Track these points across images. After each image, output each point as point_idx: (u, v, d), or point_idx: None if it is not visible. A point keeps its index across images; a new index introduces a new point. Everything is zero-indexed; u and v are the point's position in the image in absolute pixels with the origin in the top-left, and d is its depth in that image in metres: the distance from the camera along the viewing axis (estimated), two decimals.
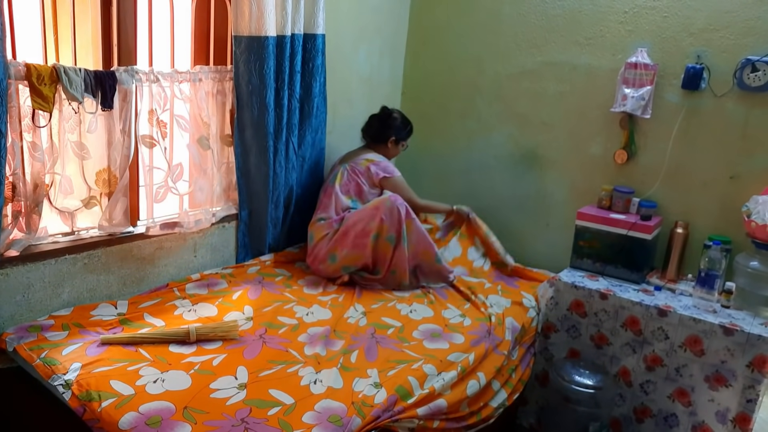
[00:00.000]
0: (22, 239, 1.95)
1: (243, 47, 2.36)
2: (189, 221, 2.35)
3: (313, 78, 2.65)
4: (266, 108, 2.46)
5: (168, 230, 2.32)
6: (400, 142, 2.90)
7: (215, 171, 2.47)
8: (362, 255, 2.52)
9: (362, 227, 2.52)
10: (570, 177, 2.93)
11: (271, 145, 2.53)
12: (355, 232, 2.53)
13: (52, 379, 1.68)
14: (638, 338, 2.38)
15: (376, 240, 2.51)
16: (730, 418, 2.19)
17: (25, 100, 1.86)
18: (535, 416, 2.65)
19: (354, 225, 2.54)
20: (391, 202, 2.54)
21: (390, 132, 2.86)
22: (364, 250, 2.52)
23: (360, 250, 2.52)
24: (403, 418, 1.72)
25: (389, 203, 2.54)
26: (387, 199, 2.56)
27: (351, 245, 2.52)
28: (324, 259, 2.56)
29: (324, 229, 2.61)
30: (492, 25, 3.04)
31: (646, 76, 2.59)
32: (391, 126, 2.87)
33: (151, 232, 2.27)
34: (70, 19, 2.02)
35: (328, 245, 2.56)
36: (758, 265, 2.32)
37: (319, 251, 2.58)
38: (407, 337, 2.14)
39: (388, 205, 2.53)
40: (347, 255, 2.53)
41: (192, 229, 2.38)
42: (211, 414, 1.59)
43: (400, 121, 2.89)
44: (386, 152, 2.88)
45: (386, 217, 2.51)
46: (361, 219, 2.55)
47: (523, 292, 2.62)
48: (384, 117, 2.89)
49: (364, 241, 2.51)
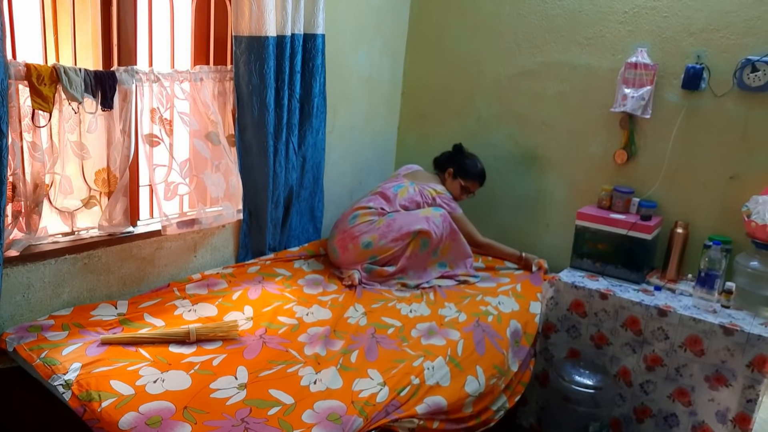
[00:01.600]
0: (22, 239, 1.95)
1: (243, 47, 2.36)
2: (207, 217, 2.39)
3: (313, 78, 2.65)
4: (266, 108, 2.46)
5: (186, 228, 2.34)
6: (458, 177, 2.91)
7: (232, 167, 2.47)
8: (395, 251, 2.58)
9: (408, 228, 2.59)
10: (570, 177, 2.93)
11: (271, 145, 2.53)
12: (398, 227, 2.59)
13: (52, 379, 1.68)
14: (638, 338, 2.38)
15: (414, 238, 2.58)
16: (730, 418, 2.19)
17: (25, 100, 1.86)
18: (535, 416, 2.65)
19: (400, 221, 2.62)
20: (443, 216, 2.67)
21: (450, 164, 2.94)
22: (399, 247, 2.58)
23: (395, 245, 2.58)
24: (403, 418, 1.72)
25: (440, 217, 2.66)
26: (440, 214, 2.67)
27: (391, 239, 2.58)
28: (358, 241, 2.60)
29: (371, 215, 2.68)
30: (492, 26, 3.04)
31: (646, 76, 2.59)
32: (456, 161, 2.94)
33: (168, 231, 2.28)
34: (70, 19, 2.02)
35: (369, 229, 2.61)
36: (758, 265, 2.32)
37: (358, 232, 2.62)
38: (407, 336, 2.15)
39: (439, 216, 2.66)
40: (383, 247, 2.58)
41: (211, 225, 2.41)
42: (211, 414, 1.59)
43: (469, 162, 2.94)
44: (447, 185, 2.92)
45: (433, 227, 2.61)
46: (408, 221, 2.62)
47: (538, 294, 2.60)
48: (455, 152, 2.98)
49: (404, 239, 2.58)
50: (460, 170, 2.92)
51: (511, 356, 2.25)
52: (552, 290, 2.57)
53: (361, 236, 2.60)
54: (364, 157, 3.28)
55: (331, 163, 3.00)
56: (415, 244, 2.59)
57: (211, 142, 2.41)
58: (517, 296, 2.56)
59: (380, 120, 3.34)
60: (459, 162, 2.93)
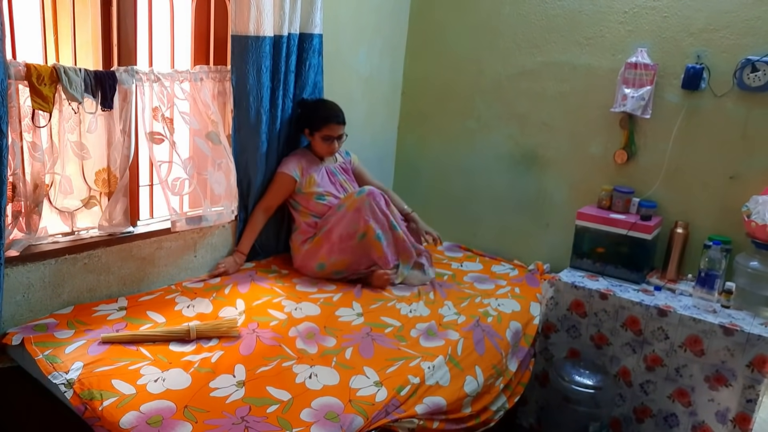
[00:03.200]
0: (22, 239, 1.95)
1: (241, 47, 2.36)
2: (212, 213, 2.40)
3: (308, 78, 2.65)
4: (262, 108, 2.46)
5: (194, 225, 2.35)
6: (314, 133, 2.61)
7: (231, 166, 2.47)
8: (349, 258, 2.49)
9: (346, 231, 2.47)
10: (570, 177, 2.93)
11: (266, 144, 2.54)
12: (338, 235, 2.48)
13: (53, 376, 1.69)
14: (638, 338, 2.38)
15: (362, 239, 2.47)
16: (730, 418, 2.19)
17: (25, 100, 1.86)
18: (535, 416, 2.65)
19: (334, 228, 2.49)
20: (370, 200, 2.43)
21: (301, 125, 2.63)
22: (350, 253, 2.48)
23: (347, 255, 2.49)
24: (402, 418, 1.72)
25: (368, 202, 2.43)
26: (365, 198, 2.45)
27: (338, 251, 2.48)
28: (311, 266, 2.53)
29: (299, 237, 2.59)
30: (492, 25, 3.04)
31: (646, 76, 2.59)
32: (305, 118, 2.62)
33: (178, 227, 2.30)
34: (70, 19, 2.02)
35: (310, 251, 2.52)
36: (758, 265, 2.32)
37: (304, 259, 2.55)
38: (405, 335, 2.15)
39: (368, 205, 2.44)
40: (336, 261, 2.50)
41: (216, 222, 2.43)
42: (212, 413, 1.60)
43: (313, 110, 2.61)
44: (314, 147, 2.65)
45: (370, 218, 2.46)
46: (339, 222, 2.49)
47: (538, 295, 2.59)
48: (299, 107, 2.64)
49: (350, 244, 2.48)
50: (312, 123, 2.60)
51: (509, 356, 2.25)
52: (552, 290, 2.57)
53: (310, 262, 2.52)
54: (364, 157, 3.27)
55: None
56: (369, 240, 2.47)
57: (211, 142, 2.42)
58: (518, 297, 2.55)
59: (380, 120, 3.34)
60: (307, 117, 2.62)
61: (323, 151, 2.65)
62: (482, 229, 2.89)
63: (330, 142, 2.62)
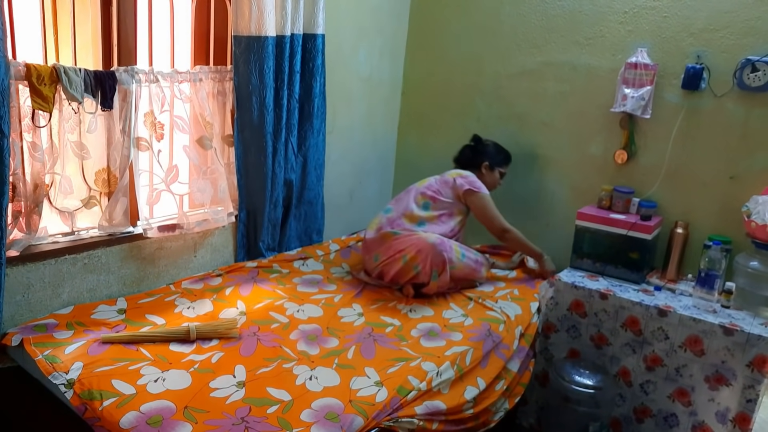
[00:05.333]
0: (22, 239, 1.95)
1: (243, 47, 2.36)
2: (189, 222, 2.35)
3: (313, 78, 2.65)
4: (265, 108, 2.46)
5: (168, 232, 2.32)
6: (495, 168, 2.84)
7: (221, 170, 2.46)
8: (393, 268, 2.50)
9: (401, 248, 2.48)
10: (570, 177, 2.93)
11: (270, 145, 2.53)
12: (395, 249, 2.50)
13: (53, 376, 1.68)
14: (638, 338, 2.38)
15: (405, 262, 2.46)
16: (730, 418, 2.19)
17: (25, 100, 1.86)
18: (535, 416, 2.65)
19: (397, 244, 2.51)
20: (440, 249, 2.44)
21: (482, 157, 2.84)
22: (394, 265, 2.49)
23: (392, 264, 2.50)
24: (402, 417, 1.72)
25: (437, 249, 2.43)
26: (436, 245, 2.44)
27: (390, 259, 2.50)
28: (371, 255, 2.58)
29: (381, 221, 2.62)
30: (492, 25, 3.04)
31: (646, 76, 2.59)
32: (483, 152, 2.85)
33: (149, 234, 2.27)
34: (70, 19, 2.02)
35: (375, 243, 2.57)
36: (758, 265, 2.32)
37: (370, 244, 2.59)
38: (405, 335, 2.14)
39: (436, 251, 2.43)
40: (385, 262, 2.52)
41: (193, 230, 2.38)
42: (212, 413, 1.59)
43: (493, 147, 2.87)
44: (481, 179, 2.79)
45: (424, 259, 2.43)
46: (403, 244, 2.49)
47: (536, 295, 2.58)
48: (475, 144, 2.89)
49: (396, 257, 2.48)
50: (494, 160, 2.84)
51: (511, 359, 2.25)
52: (552, 290, 2.56)
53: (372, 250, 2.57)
54: (364, 157, 3.28)
55: (331, 163, 2.99)
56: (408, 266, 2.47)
57: (202, 147, 2.41)
58: (518, 300, 2.55)
59: (380, 120, 3.34)
60: (488, 152, 2.86)
61: (494, 183, 2.87)
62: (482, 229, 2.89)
63: (502, 178, 2.90)
